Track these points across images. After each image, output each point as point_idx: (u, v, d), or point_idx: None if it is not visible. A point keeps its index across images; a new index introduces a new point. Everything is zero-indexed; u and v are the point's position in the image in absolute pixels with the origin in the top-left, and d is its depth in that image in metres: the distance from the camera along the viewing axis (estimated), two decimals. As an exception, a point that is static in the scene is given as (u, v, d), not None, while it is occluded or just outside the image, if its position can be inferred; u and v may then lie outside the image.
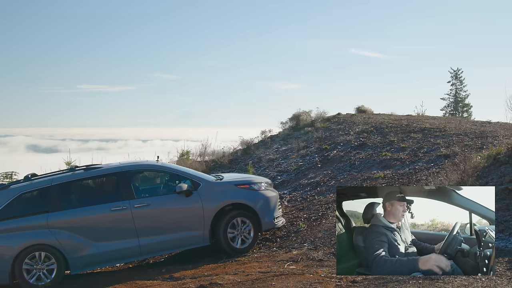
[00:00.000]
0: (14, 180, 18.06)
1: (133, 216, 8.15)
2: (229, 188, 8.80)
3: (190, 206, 8.41)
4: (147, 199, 8.34)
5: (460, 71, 42.65)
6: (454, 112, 40.69)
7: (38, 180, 8.37)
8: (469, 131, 13.91)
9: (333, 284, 6.06)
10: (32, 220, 7.91)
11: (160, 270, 7.95)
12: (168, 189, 8.69)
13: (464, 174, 9.34)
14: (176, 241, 8.38)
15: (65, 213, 8.01)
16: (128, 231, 8.13)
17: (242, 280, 6.60)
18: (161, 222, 8.29)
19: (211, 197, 8.53)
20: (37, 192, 8.15)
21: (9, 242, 7.72)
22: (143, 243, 8.18)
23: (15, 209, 7.94)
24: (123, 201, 8.18)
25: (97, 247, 7.99)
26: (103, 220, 8.08)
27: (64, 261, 7.86)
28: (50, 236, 7.82)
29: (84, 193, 8.51)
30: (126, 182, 8.36)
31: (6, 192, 8.13)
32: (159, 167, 8.90)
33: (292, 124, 18.86)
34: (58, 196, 8.13)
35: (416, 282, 5.66)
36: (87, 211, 8.08)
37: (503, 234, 7.27)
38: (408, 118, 17.61)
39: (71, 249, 7.88)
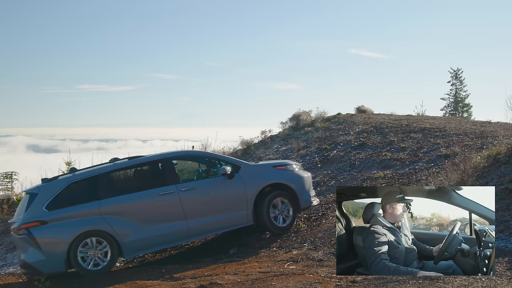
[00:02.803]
0: (15, 179, 18.04)
1: (180, 199, 8.41)
2: (268, 169, 9.20)
3: (234, 188, 8.72)
4: (192, 182, 8.68)
5: (460, 71, 42.69)
6: (454, 112, 40.71)
7: (84, 171, 8.62)
8: (469, 131, 13.91)
9: (333, 284, 6.06)
10: (84, 207, 8.10)
11: (160, 270, 7.94)
12: (210, 173, 9.01)
13: (464, 174, 9.34)
14: (222, 222, 8.66)
15: (115, 200, 8.23)
16: (176, 214, 8.38)
17: (242, 280, 6.60)
18: (207, 204, 8.58)
19: (252, 179, 8.86)
20: (87, 181, 8.35)
21: (63, 229, 7.89)
22: (191, 225, 8.45)
23: (66, 198, 8.12)
24: (170, 186, 8.43)
25: (148, 231, 8.23)
26: (153, 205, 8.32)
27: (117, 246, 8.09)
28: (103, 223, 8.04)
29: (131, 180, 8.80)
30: (171, 167, 8.66)
31: (56, 182, 8.30)
32: (200, 153, 9.65)
33: (292, 124, 18.86)
34: (108, 183, 8.35)
35: (416, 282, 5.66)
36: (136, 197, 8.31)
37: (503, 234, 7.27)
38: (408, 118, 17.62)
39: (124, 234, 8.10)
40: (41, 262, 7.83)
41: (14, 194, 16.16)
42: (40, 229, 7.86)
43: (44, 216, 7.93)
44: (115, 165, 8.67)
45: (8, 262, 10.67)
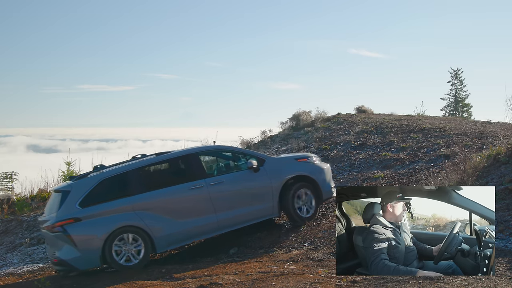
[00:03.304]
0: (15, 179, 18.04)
1: (209, 193, 8.60)
2: (291, 162, 9.45)
3: (259, 181, 8.95)
4: (220, 176, 8.84)
5: (460, 71, 42.66)
6: (454, 112, 40.69)
7: (113, 167, 8.71)
8: (469, 131, 13.91)
9: (333, 284, 6.06)
10: (117, 204, 8.20)
11: (160, 270, 7.94)
12: (236, 167, 9.18)
13: (464, 174, 9.34)
14: (250, 214, 8.88)
15: (147, 195, 8.35)
16: (206, 208, 8.57)
17: (242, 280, 6.60)
18: (235, 197, 8.79)
19: (276, 171, 9.10)
20: (118, 177, 8.43)
21: (98, 226, 7.99)
22: (220, 218, 8.64)
23: (98, 195, 8.20)
24: (199, 180, 8.61)
25: (179, 225, 8.40)
26: (183, 199, 8.50)
27: (150, 241, 8.21)
28: (136, 218, 8.17)
29: (161, 176, 8.93)
30: (198, 162, 8.85)
31: (87, 179, 8.38)
32: (226, 148, 9.76)
33: (292, 124, 18.87)
34: (138, 179, 8.47)
35: (416, 282, 5.66)
36: (167, 192, 8.46)
37: (503, 234, 7.27)
38: (408, 118, 17.62)
39: (156, 229, 8.23)
40: (76, 258, 7.94)
41: (14, 194, 16.16)
42: (75, 226, 7.93)
43: (78, 213, 8.01)
44: (144, 161, 8.77)
45: (8, 262, 10.67)
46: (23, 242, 11.83)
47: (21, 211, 14.04)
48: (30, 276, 8.94)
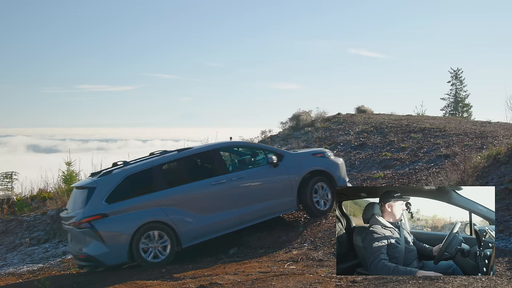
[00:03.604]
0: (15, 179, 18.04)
1: (231, 188, 8.79)
2: (308, 157, 9.66)
3: (279, 176, 9.15)
4: (241, 172, 9.02)
5: (460, 71, 42.66)
6: (454, 112, 40.69)
7: (137, 163, 8.81)
8: (469, 131, 13.91)
9: (333, 284, 6.06)
10: (143, 200, 8.33)
11: (160, 270, 7.94)
12: (255, 162, 9.40)
13: (464, 174, 9.34)
14: (270, 208, 9.09)
15: (171, 191, 8.51)
16: (228, 203, 8.75)
17: (242, 280, 6.60)
18: (256, 192, 8.99)
19: (295, 166, 9.32)
20: (142, 173, 8.53)
21: (125, 222, 8.11)
22: (242, 212, 8.83)
23: (124, 191, 8.31)
24: (221, 176, 8.80)
25: (203, 220, 8.56)
26: (206, 195, 8.67)
27: (175, 236, 8.36)
28: (161, 214, 8.30)
29: (184, 171, 8.97)
30: (220, 158, 9.06)
31: (112, 176, 8.47)
32: (245, 144, 10.01)
33: (292, 124, 18.87)
34: (162, 175, 8.62)
35: (416, 282, 5.66)
36: (191, 187, 8.64)
37: (503, 234, 7.27)
38: (408, 118, 17.62)
39: (181, 224, 8.40)
40: (104, 254, 8.05)
41: (14, 194, 16.16)
42: (102, 222, 8.04)
43: (105, 209, 8.11)
44: (167, 157, 8.89)
45: (8, 262, 10.67)
46: (23, 242, 11.83)
47: (21, 211, 14.04)
48: (30, 276, 8.95)
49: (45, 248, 11.38)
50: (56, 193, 14.49)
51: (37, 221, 12.85)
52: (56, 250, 11.18)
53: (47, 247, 11.45)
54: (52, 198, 14.27)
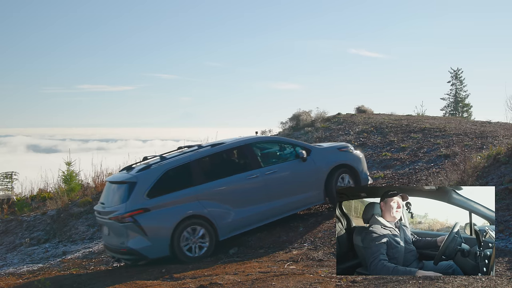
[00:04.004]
0: (15, 179, 18.03)
1: (265, 182, 9.05)
2: (334, 151, 9.96)
3: (308, 170, 9.44)
4: (273, 166, 9.27)
5: (460, 71, 42.67)
6: (454, 112, 40.69)
7: (173, 157, 8.97)
8: (469, 131, 13.91)
9: (333, 284, 6.06)
10: (183, 194, 8.51)
11: (160, 270, 7.94)
12: (284, 156, 9.61)
13: (464, 174, 9.34)
14: (300, 201, 9.38)
15: (209, 185, 8.72)
16: (262, 196, 9.01)
17: (242, 280, 6.60)
18: (287, 185, 9.24)
19: (322, 160, 9.61)
20: (181, 168, 8.71)
21: (167, 215, 8.29)
22: (275, 205, 9.11)
23: (164, 185, 8.45)
24: (254, 170, 9.07)
25: (239, 213, 8.82)
26: (241, 188, 8.92)
27: (213, 230, 8.55)
28: (200, 207, 8.51)
29: (220, 166, 9.19)
30: (252, 153, 9.30)
31: (152, 170, 8.59)
32: (275, 139, 10.30)
33: (292, 124, 18.87)
34: (199, 170, 8.80)
35: (416, 282, 5.66)
36: (228, 181, 8.87)
37: (503, 234, 7.27)
38: (408, 118, 17.62)
39: (219, 217, 8.61)
40: (147, 248, 8.18)
41: (14, 194, 16.17)
42: (145, 216, 8.17)
43: (146, 203, 8.25)
44: (203, 152, 9.05)
45: (8, 262, 10.68)
46: (23, 242, 11.84)
47: (21, 211, 14.05)
48: (30, 276, 8.94)
49: (45, 248, 11.38)
50: (56, 193, 14.51)
51: (37, 221, 12.86)
52: (56, 250, 11.18)
53: (47, 247, 11.45)
54: (52, 198, 14.29)
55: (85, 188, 14.84)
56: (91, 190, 14.31)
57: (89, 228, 12.15)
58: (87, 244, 11.20)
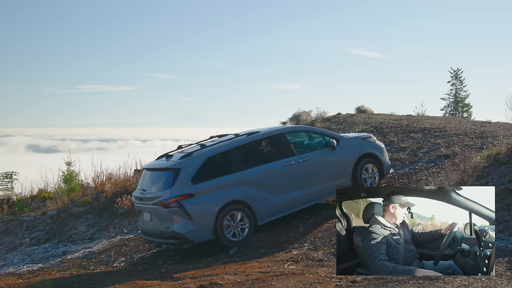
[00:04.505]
0: (15, 179, 18.03)
1: (299, 170, 9.41)
2: (359, 141, 10.32)
3: (337, 158, 9.83)
4: (305, 154, 9.65)
5: (460, 71, 42.67)
6: (454, 112, 40.69)
7: (213, 145, 9.27)
8: (469, 131, 13.91)
9: (333, 284, 6.06)
10: (225, 180, 8.87)
11: (160, 270, 7.94)
12: (315, 145, 9.98)
13: (464, 174, 9.34)
14: (330, 188, 9.66)
15: (249, 172, 9.09)
16: (297, 183, 9.37)
17: (242, 280, 6.60)
18: (320, 173, 9.63)
19: (350, 149, 9.99)
20: (221, 155, 9.07)
21: (210, 201, 8.64)
22: (308, 192, 9.49)
23: (206, 171, 8.79)
24: (289, 158, 9.43)
25: (276, 199, 9.17)
26: (278, 175, 9.25)
27: (252, 215, 8.94)
28: (241, 193, 8.90)
29: (256, 153, 9.57)
30: (286, 141, 9.67)
31: (194, 157, 8.90)
32: (306, 128, 10.62)
33: (292, 124, 18.86)
34: (238, 157, 9.14)
35: (416, 282, 5.66)
36: (266, 168, 9.23)
37: (503, 234, 7.27)
38: (408, 118, 17.61)
39: (258, 202, 8.98)
40: (192, 232, 8.52)
41: (14, 194, 16.17)
42: (190, 201, 8.51)
43: (191, 189, 8.59)
44: (241, 140, 9.38)
45: (8, 262, 10.68)
46: (23, 242, 11.83)
47: (21, 211, 14.05)
48: (30, 276, 8.94)
49: (45, 248, 11.38)
50: (56, 193, 14.51)
51: (37, 221, 12.86)
52: (56, 250, 11.18)
53: (47, 247, 11.45)
54: (52, 198, 14.29)
55: (85, 188, 14.84)
56: (91, 190, 14.31)
57: (89, 228, 12.15)
58: (87, 244, 11.20)
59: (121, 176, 14.31)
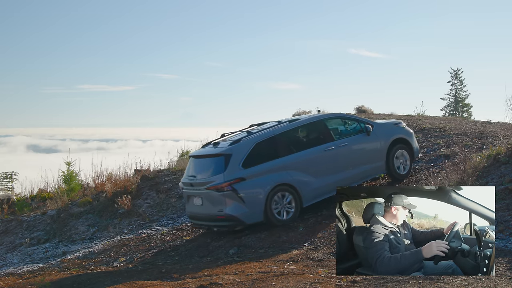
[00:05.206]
0: (15, 179, 18.03)
1: (339, 154, 9.87)
2: (392, 127, 10.84)
3: (372, 143, 10.33)
4: (344, 139, 10.10)
5: (460, 71, 42.69)
6: (454, 112, 40.70)
7: (259, 131, 9.72)
8: (469, 131, 13.90)
9: (333, 284, 6.06)
10: (272, 164, 9.31)
11: (160, 270, 7.94)
12: (351, 131, 10.38)
13: (464, 174, 9.33)
14: (367, 172, 10.26)
15: (294, 156, 9.54)
16: (337, 166, 9.84)
17: (242, 280, 6.60)
18: (357, 157, 10.08)
19: (383, 135, 10.48)
20: (268, 141, 9.50)
21: (260, 184, 9.10)
22: (348, 175, 9.93)
23: (255, 156, 9.24)
24: (330, 143, 9.89)
25: (319, 182, 9.63)
26: (321, 159, 9.71)
27: (298, 197, 9.39)
28: (288, 177, 9.34)
29: (300, 139, 9.99)
30: (326, 127, 10.11)
31: (243, 143, 9.34)
32: (342, 115, 10.89)
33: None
34: (284, 143, 9.62)
35: (416, 282, 5.66)
36: (309, 153, 9.67)
37: (503, 234, 7.27)
38: (408, 118, 17.60)
39: (303, 185, 9.43)
40: (244, 214, 9.02)
41: (14, 194, 16.17)
42: (242, 185, 8.99)
43: (242, 173, 9.06)
44: (285, 126, 9.83)
45: (8, 262, 10.67)
46: (23, 242, 11.83)
47: (21, 211, 14.04)
48: (30, 276, 8.94)
49: (45, 248, 11.38)
50: (56, 193, 14.50)
51: (37, 221, 12.86)
52: (56, 250, 11.18)
53: (47, 247, 11.45)
54: (52, 198, 14.28)
55: (85, 188, 14.84)
56: (91, 190, 14.31)
57: (89, 228, 12.15)
58: (87, 244, 11.20)
59: (121, 176, 14.31)
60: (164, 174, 14.12)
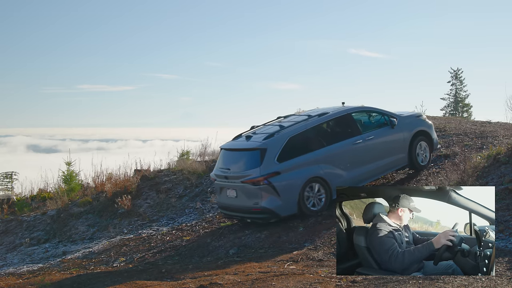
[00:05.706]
0: (15, 179, 18.03)
1: (366, 147, 10.15)
2: (414, 119, 11.09)
3: (397, 135, 10.58)
4: (370, 133, 10.34)
5: (460, 71, 42.70)
6: (454, 112, 40.70)
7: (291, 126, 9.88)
8: (469, 131, 13.90)
9: (333, 284, 6.06)
10: (305, 158, 9.52)
11: (160, 270, 7.94)
12: (376, 124, 10.64)
13: (464, 174, 9.33)
14: (392, 163, 10.54)
15: (324, 150, 9.76)
16: (365, 159, 10.10)
17: (242, 280, 6.60)
18: (383, 149, 10.35)
19: (406, 127, 10.74)
20: (301, 135, 9.71)
21: (294, 177, 9.30)
22: (375, 166, 10.25)
23: (289, 150, 9.44)
24: (357, 136, 10.13)
25: (348, 174, 9.88)
26: (349, 153, 9.96)
27: (329, 189, 9.63)
28: (319, 170, 9.56)
29: (330, 133, 10.23)
30: (353, 121, 10.34)
31: (277, 138, 9.52)
32: (368, 108, 10.93)
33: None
34: (315, 137, 9.84)
35: (416, 282, 5.66)
36: (339, 146, 9.92)
37: (503, 234, 7.27)
38: (408, 118, 17.56)
39: (333, 178, 9.66)
40: (279, 206, 9.22)
41: (14, 194, 16.17)
42: (277, 178, 9.16)
43: (277, 167, 9.24)
44: (316, 120, 10.03)
45: (8, 262, 10.67)
46: (23, 242, 11.83)
47: (21, 211, 14.04)
48: (30, 276, 8.94)
49: (45, 248, 11.38)
50: (56, 193, 14.50)
51: (37, 221, 12.86)
52: (56, 250, 11.18)
53: (47, 247, 11.45)
54: (52, 198, 14.28)
55: (85, 188, 14.84)
56: (91, 190, 14.31)
57: (89, 228, 12.15)
58: (87, 244, 11.20)
59: (121, 176, 14.31)
60: (164, 174, 14.13)
